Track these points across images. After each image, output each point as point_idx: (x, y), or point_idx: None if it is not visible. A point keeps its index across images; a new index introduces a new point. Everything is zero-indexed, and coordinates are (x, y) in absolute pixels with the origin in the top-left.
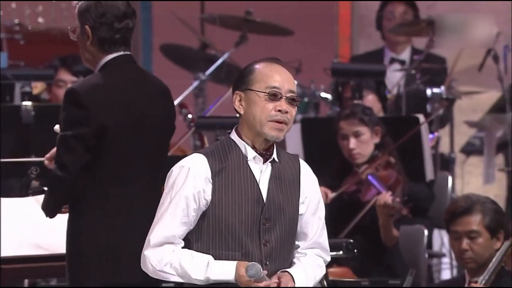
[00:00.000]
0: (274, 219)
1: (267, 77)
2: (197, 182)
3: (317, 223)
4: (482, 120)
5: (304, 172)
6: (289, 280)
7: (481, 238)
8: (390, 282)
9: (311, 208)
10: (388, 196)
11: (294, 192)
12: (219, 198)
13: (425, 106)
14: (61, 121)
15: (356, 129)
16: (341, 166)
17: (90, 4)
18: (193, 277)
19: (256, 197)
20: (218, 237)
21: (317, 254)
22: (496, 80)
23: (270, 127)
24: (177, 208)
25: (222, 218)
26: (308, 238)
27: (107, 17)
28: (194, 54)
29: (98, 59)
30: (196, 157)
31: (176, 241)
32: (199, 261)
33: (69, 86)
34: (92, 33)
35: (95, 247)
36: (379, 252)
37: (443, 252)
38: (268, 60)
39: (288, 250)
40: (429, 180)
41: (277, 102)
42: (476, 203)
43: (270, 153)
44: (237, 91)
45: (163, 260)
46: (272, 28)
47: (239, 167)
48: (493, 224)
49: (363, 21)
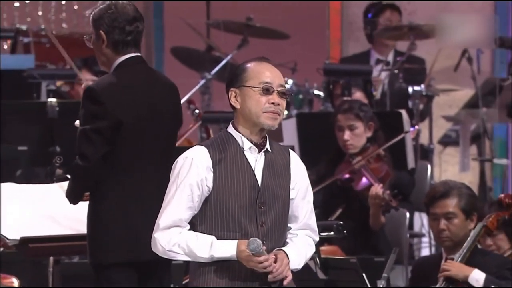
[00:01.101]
0: (268, 203)
1: (259, 74)
2: (200, 171)
3: (306, 207)
4: (457, 114)
5: (293, 161)
6: (284, 257)
7: (457, 219)
8: (375, 259)
9: (300, 193)
10: (380, 188)
11: (286, 178)
12: (219, 185)
13: (407, 102)
14: (81, 117)
15: (352, 123)
16: (335, 155)
17: (103, 11)
18: (198, 256)
19: (252, 183)
20: (220, 220)
21: (307, 235)
22: (470, 79)
23: (266, 117)
24: (182, 194)
25: (223, 202)
26: (298, 220)
27: (119, 21)
28: (201, 55)
29: (112, 60)
30: (199, 149)
31: (183, 224)
32: (203, 241)
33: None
34: (106, 37)
35: (111, 229)
36: (367, 234)
37: (423, 232)
38: (258, 59)
39: (282, 231)
40: (410, 168)
41: (269, 95)
42: (453, 188)
43: (264, 144)
44: (232, 88)
45: (171, 241)
46: (270, 32)
47: (236, 156)
48: (468, 207)
49: (351, 26)
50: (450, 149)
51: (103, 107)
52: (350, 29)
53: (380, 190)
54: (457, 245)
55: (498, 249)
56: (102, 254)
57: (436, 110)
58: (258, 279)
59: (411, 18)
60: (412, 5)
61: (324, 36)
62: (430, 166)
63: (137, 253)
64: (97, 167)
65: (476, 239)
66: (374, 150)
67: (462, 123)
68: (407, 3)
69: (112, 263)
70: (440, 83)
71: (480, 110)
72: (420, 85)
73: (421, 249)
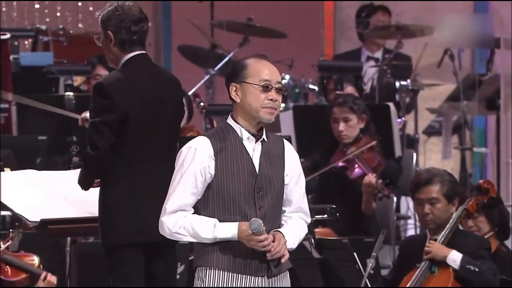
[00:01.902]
0: (265, 188)
1: (259, 72)
2: (203, 159)
3: (299, 191)
4: (440, 107)
5: (287, 150)
6: (281, 237)
7: (440, 203)
8: (365, 240)
9: (294, 179)
10: (373, 177)
11: (280, 166)
12: (221, 172)
13: (394, 96)
14: (91, 110)
15: (346, 115)
16: (330, 144)
17: (111, 13)
18: (202, 237)
19: (250, 171)
20: (222, 204)
21: (300, 217)
22: (452, 75)
23: (265, 112)
24: (187, 181)
25: (224, 188)
26: (292, 203)
27: (125, 22)
28: (205, 53)
29: (119, 58)
30: (201, 139)
31: (188, 209)
32: (207, 223)
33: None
34: (114, 37)
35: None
36: (358, 217)
37: (409, 215)
38: (257, 57)
39: (278, 214)
40: (397, 156)
41: (268, 92)
42: (436, 175)
43: (261, 134)
44: (233, 83)
45: (177, 224)
46: (269, 32)
47: (236, 146)
48: (450, 192)
49: (343, 27)
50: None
51: (111, 101)
52: (343, 29)
53: (374, 179)
54: (440, 227)
55: (479, 230)
56: (112, 235)
57: (421, 103)
58: (258, 258)
59: (398, 18)
60: (399, 7)
61: (319, 35)
62: (416, 154)
63: (145, 235)
64: (106, 156)
65: (458, 221)
66: (367, 140)
67: (444, 115)
68: (394, 5)
69: (121, 244)
70: (425, 78)
71: (461, 103)
72: (407, 80)
73: (407, 230)
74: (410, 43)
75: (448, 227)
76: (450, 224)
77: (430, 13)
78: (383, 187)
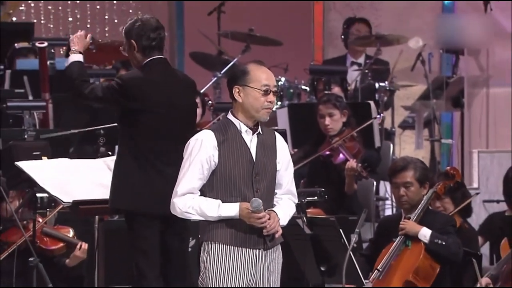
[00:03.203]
0: (261, 174)
1: (260, 77)
2: (208, 149)
3: (288, 176)
4: (413, 105)
5: (278, 141)
6: (275, 215)
7: (413, 187)
8: (349, 218)
9: (284, 166)
10: (354, 162)
11: (273, 155)
12: (223, 160)
13: (374, 95)
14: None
15: (330, 111)
16: (318, 136)
17: (132, 25)
18: (208, 215)
19: (248, 159)
20: (224, 188)
21: (289, 198)
22: (423, 77)
23: (263, 113)
24: (195, 168)
25: (226, 174)
26: (282, 187)
27: (144, 30)
28: (213, 59)
29: (141, 62)
30: (206, 132)
31: (195, 191)
32: (212, 204)
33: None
34: (136, 44)
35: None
36: (343, 198)
37: (387, 197)
38: (256, 63)
39: (271, 196)
40: (377, 146)
41: (267, 96)
42: (409, 162)
43: (257, 128)
44: (236, 85)
45: (186, 205)
46: (267, 40)
47: (235, 138)
48: (422, 177)
49: (331, 36)
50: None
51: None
52: (330, 38)
53: (354, 164)
54: (413, 207)
55: (445, 210)
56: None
57: (396, 101)
58: (256, 233)
59: (377, 29)
60: (378, 20)
61: (310, 44)
62: (392, 145)
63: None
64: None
65: (428, 202)
66: (349, 132)
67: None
68: (374, 18)
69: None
70: (400, 80)
71: (431, 101)
72: (385, 82)
73: (385, 209)
74: (387, 50)
75: (420, 207)
76: (421, 204)
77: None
78: (362, 170)
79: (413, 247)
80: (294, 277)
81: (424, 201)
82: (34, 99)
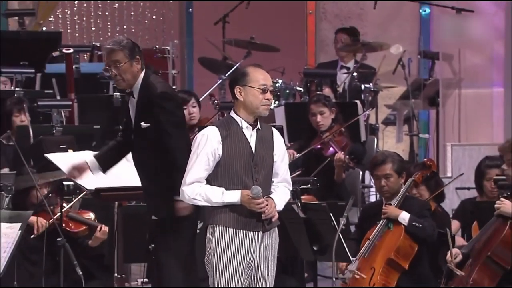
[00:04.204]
0: (260, 165)
1: (258, 78)
2: (213, 143)
3: (284, 167)
4: (395, 104)
5: (275, 135)
6: (272, 202)
7: (392, 178)
8: (339, 203)
9: (280, 157)
10: (342, 155)
11: (270, 148)
12: (226, 152)
13: (360, 95)
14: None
15: (321, 109)
16: (310, 132)
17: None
18: (213, 201)
19: (249, 151)
20: (227, 177)
21: (285, 186)
22: (403, 80)
23: (262, 108)
24: (201, 160)
25: (229, 165)
26: (279, 176)
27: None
28: (219, 63)
29: None
30: (211, 128)
31: (202, 181)
32: (216, 191)
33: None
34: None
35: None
36: (333, 186)
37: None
38: (254, 66)
39: (269, 184)
40: (363, 140)
41: (265, 94)
42: (388, 156)
43: (256, 124)
44: (237, 86)
45: (194, 192)
46: (266, 47)
47: (237, 133)
48: (399, 169)
49: (322, 43)
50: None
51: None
52: (322, 45)
53: (342, 156)
54: (393, 195)
55: (421, 196)
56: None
57: (380, 101)
58: (255, 217)
59: (363, 37)
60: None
61: (303, 50)
62: (376, 139)
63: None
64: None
65: (407, 190)
66: (337, 128)
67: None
68: (360, 28)
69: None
70: (383, 82)
71: (410, 101)
72: (370, 84)
73: (370, 196)
74: (372, 56)
75: (400, 194)
76: (402, 191)
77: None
78: (349, 161)
79: (394, 229)
80: (290, 255)
81: (404, 189)
82: (61, 99)
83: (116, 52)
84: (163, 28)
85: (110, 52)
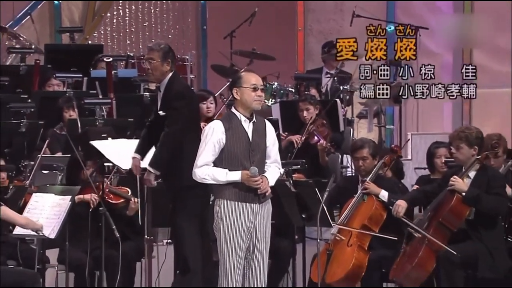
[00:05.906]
0: (255, 150)
1: (250, 80)
2: (218, 134)
3: (275, 150)
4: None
5: (268, 126)
6: (266, 179)
7: (368, 159)
8: (322, 180)
9: (271, 143)
10: (324, 142)
11: (263, 136)
12: (229, 141)
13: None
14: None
15: (307, 107)
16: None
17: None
18: (219, 180)
19: (246, 140)
20: (230, 161)
21: (276, 166)
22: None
23: (255, 103)
24: (209, 148)
25: (231, 151)
26: (271, 158)
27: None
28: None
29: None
30: (217, 122)
31: (210, 164)
32: (221, 172)
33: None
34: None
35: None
36: (318, 167)
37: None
38: (247, 70)
39: (263, 165)
40: (341, 131)
41: (256, 92)
42: (365, 142)
43: (252, 118)
44: (234, 87)
45: (204, 173)
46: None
47: (237, 125)
48: (374, 152)
49: (311, 53)
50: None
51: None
52: (310, 55)
53: (325, 143)
54: (368, 173)
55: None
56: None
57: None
58: (252, 192)
59: None
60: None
61: (294, 59)
62: (352, 129)
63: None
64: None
65: (378, 170)
66: (320, 121)
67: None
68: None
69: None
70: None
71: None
72: (347, 86)
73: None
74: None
75: (373, 172)
76: (374, 170)
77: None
78: (330, 147)
79: (368, 201)
80: (284, 222)
81: (376, 168)
82: (102, 98)
83: (153, 52)
84: (183, 41)
85: (149, 50)
